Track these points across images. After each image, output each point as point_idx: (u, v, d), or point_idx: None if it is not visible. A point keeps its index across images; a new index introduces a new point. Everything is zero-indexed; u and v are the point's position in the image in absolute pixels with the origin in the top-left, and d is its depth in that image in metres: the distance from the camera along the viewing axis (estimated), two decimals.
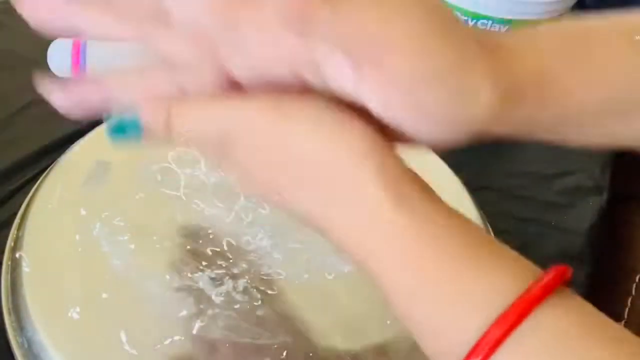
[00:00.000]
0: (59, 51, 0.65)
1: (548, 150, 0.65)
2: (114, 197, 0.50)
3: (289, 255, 0.48)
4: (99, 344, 0.42)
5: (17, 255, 0.47)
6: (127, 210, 0.49)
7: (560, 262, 0.28)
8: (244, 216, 0.50)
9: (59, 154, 0.55)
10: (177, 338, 0.42)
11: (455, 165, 0.58)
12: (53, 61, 0.65)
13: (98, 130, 0.57)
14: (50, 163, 0.55)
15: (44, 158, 0.58)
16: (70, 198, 0.50)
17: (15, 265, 0.46)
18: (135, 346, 0.42)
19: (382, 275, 0.29)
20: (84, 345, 0.42)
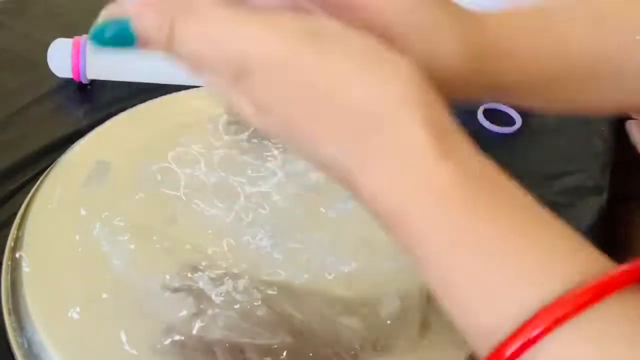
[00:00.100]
0: (59, 51, 0.65)
1: (548, 150, 0.65)
2: (114, 197, 0.50)
3: (289, 255, 0.48)
4: (99, 344, 0.42)
5: (17, 255, 0.47)
6: (127, 210, 0.49)
7: None
8: (244, 216, 0.50)
9: (59, 154, 0.55)
10: (177, 338, 0.42)
11: None
12: (53, 61, 0.65)
13: (98, 130, 0.57)
14: (50, 163, 0.55)
15: (44, 158, 0.58)
16: (70, 198, 0.50)
17: (15, 265, 0.46)
18: (135, 346, 0.42)
19: (421, 235, 0.26)
20: (84, 345, 0.42)
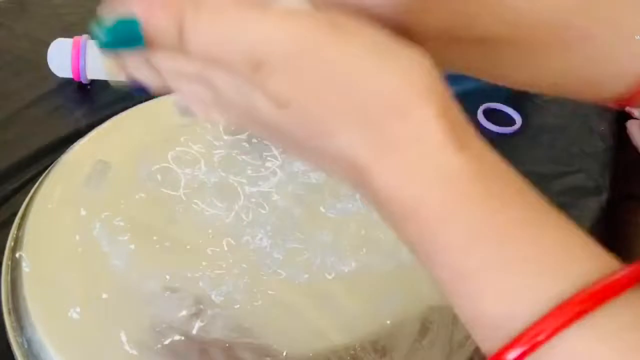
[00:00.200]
0: (59, 51, 0.65)
1: (548, 150, 0.65)
2: (114, 197, 0.50)
3: (289, 255, 0.48)
4: (99, 344, 0.42)
5: (17, 255, 0.47)
6: (127, 210, 0.49)
7: None
8: (244, 216, 0.50)
9: (59, 154, 0.55)
10: (177, 338, 0.42)
11: None
12: (53, 61, 0.65)
13: (98, 130, 0.57)
14: (50, 163, 0.55)
15: (44, 158, 0.58)
16: (70, 198, 0.50)
17: (15, 265, 0.46)
18: (135, 346, 0.42)
19: (437, 226, 0.25)
20: (84, 345, 0.42)
